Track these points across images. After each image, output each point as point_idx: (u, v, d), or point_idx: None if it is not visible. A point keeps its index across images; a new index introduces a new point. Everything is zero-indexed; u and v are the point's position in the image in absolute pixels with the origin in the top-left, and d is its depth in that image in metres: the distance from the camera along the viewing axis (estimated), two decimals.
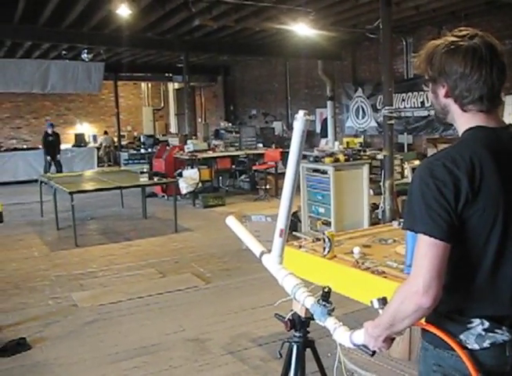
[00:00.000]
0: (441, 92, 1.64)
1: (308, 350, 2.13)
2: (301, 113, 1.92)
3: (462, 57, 1.56)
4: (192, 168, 11.61)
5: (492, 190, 1.50)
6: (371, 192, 8.06)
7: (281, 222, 2.06)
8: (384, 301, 1.69)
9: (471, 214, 1.49)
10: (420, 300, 1.46)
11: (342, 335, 1.77)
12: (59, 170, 14.92)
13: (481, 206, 1.49)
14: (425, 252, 1.48)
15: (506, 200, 1.52)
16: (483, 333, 1.55)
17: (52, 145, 15.27)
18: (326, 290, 1.87)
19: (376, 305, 1.70)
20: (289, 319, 2.05)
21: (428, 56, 1.64)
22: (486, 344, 1.55)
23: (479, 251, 1.53)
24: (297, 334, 2.09)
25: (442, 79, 1.62)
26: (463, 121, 1.64)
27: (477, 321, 1.56)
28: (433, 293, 1.45)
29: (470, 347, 1.55)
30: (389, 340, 1.65)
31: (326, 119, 15.15)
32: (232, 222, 2.39)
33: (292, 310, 2.05)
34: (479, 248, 1.53)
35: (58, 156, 15.37)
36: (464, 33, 1.62)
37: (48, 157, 15.19)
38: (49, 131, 15.43)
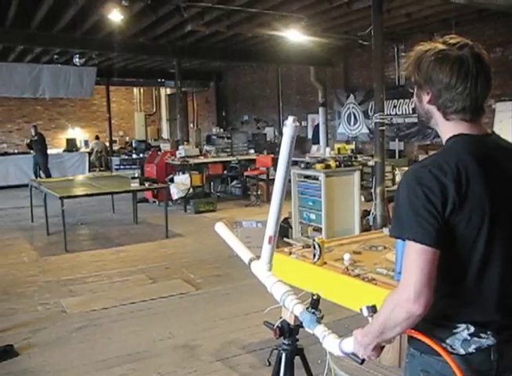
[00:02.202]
0: (425, 97, 1.65)
1: (298, 358, 2.12)
2: (290, 119, 1.91)
3: (449, 68, 1.57)
4: (183, 173, 11.59)
5: (478, 197, 1.51)
6: (362, 198, 8.06)
7: (270, 229, 2.05)
8: (373, 309, 1.69)
9: (457, 221, 1.50)
10: (411, 308, 1.46)
11: (331, 343, 1.76)
12: (47, 176, 14.91)
13: (467, 213, 1.50)
14: (414, 259, 1.48)
15: (491, 207, 1.52)
16: (468, 338, 1.56)
17: (35, 144, 15.30)
18: (315, 297, 1.87)
19: (365, 312, 1.69)
20: (278, 326, 2.03)
21: (417, 60, 1.65)
22: (471, 349, 1.56)
23: (465, 257, 1.54)
24: (286, 341, 2.07)
25: (427, 86, 1.63)
26: (446, 128, 1.65)
27: (462, 326, 1.57)
28: (424, 300, 1.45)
29: (456, 352, 1.56)
30: (379, 348, 1.65)
31: (317, 125, 15.17)
32: (221, 228, 2.37)
33: (281, 317, 2.03)
34: (465, 254, 1.53)
35: (43, 160, 15.36)
36: (454, 41, 1.62)
37: (34, 161, 15.29)
38: (32, 132, 15.48)
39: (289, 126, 1.92)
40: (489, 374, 1.57)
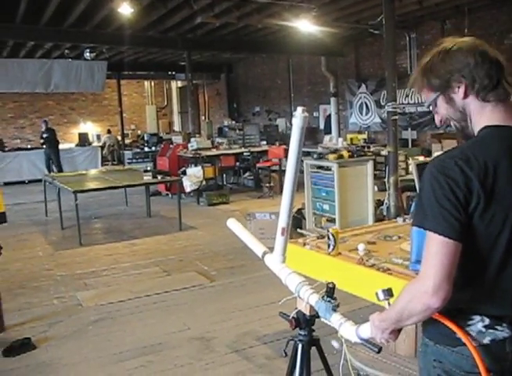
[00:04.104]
0: (459, 93, 1.60)
1: (314, 348, 2.11)
2: (299, 109, 1.90)
3: (465, 50, 1.56)
4: (196, 166, 11.60)
5: (504, 196, 1.47)
6: (375, 188, 8.02)
7: (283, 221, 2.04)
8: (389, 293, 1.68)
9: (480, 216, 1.47)
10: (429, 300, 1.45)
11: (348, 330, 1.76)
12: (59, 170, 15.00)
13: (491, 210, 1.47)
14: (436, 251, 1.46)
15: None
16: (483, 330, 1.55)
17: (47, 141, 15.38)
18: (330, 286, 1.86)
19: (381, 296, 1.69)
20: (293, 317, 2.03)
21: (426, 70, 1.64)
22: (486, 340, 1.54)
23: (486, 253, 1.51)
24: (302, 332, 2.07)
25: (456, 78, 1.59)
26: (482, 117, 1.59)
27: (477, 318, 1.55)
28: (443, 294, 1.44)
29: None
30: (396, 332, 1.65)
31: (329, 115, 15.13)
32: (233, 224, 2.37)
33: (296, 308, 2.03)
34: (486, 251, 1.51)
35: (55, 154, 15.44)
36: (448, 40, 1.64)
37: (45, 156, 15.37)
38: (43, 128, 15.55)
39: (298, 117, 1.91)
40: (503, 365, 1.56)
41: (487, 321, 1.54)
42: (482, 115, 1.59)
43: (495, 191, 1.46)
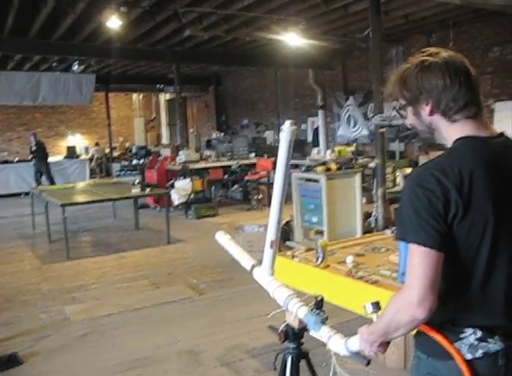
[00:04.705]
0: (426, 110, 1.63)
1: (303, 361, 2.11)
2: (287, 123, 1.92)
3: (438, 70, 1.58)
4: (184, 178, 11.58)
5: (481, 203, 1.49)
6: (364, 200, 8.06)
7: (271, 234, 2.05)
8: (377, 306, 1.70)
9: (460, 225, 1.49)
10: (414, 312, 1.46)
11: (337, 343, 1.76)
12: (51, 183, 14.86)
13: (470, 218, 1.49)
14: (419, 262, 1.47)
15: (495, 213, 1.51)
16: (476, 342, 1.55)
17: (36, 155, 15.27)
18: (318, 299, 1.87)
19: (369, 309, 1.71)
20: (282, 330, 2.03)
21: (400, 79, 1.65)
22: (479, 353, 1.54)
23: (470, 262, 1.52)
24: (291, 345, 2.07)
25: (424, 97, 1.61)
26: (452, 132, 1.63)
27: (469, 331, 1.55)
28: (428, 304, 1.45)
29: (463, 356, 1.55)
30: (385, 344, 1.66)
31: (317, 128, 15.20)
32: (221, 237, 2.38)
33: (285, 321, 2.03)
34: (470, 260, 1.52)
35: (45, 167, 15.31)
36: (431, 52, 1.64)
37: (35, 169, 15.24)
38: (32, 141, 15.47)
39: (286, 130, 1.92)
40: None
41: (479, 334, 1.54)
42: (452, 130, 1.63)
43: (473, 199, 1.48)
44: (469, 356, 1.54)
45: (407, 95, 1.64)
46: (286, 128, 1.92)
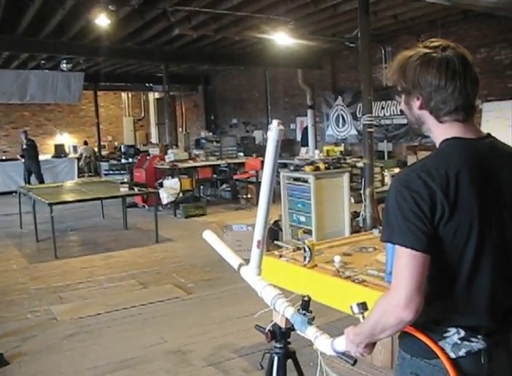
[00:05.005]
0: (416, 103, 1.63)
1: (290, 360, 2.11)
2: (274, 122, 1.92)
3: (436, 69, 1.56)
4: (172, 177, 11.55)
5: (467, 204, 1.49)
6: (352, 200, 8.08)
7: (258, 233, 2.05)
8: (363, 307, 1.70)
9: (446, 227, 1.49)
10: (401, 313, 1.46)
11: (323, 343, 1.76)
12: (40, 182, 14.74)
13: (456, 219, 1.49)
14: (405, 264, 1.47)
15: (481, 214, 1.51)
16: (459, 342, 1.55)
17: (27, 153, 15.12)
18: (305, 299, 1.87)
19: (355, 310, 1.71)
20: (269, 330, 2.03)
21: (401, 67, 1.64)
22: (462, 352, 1.55)
23: (455, 263, 1.53)
24: (278, 344, 2.07)
25: (416, 91, 1.61)
26: (440, 131, 1.63)
27: (453, 330, 1.56)
28: (414, 306, 1.45)
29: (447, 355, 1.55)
30: (371, 345, 1.66)
31: (306, 127, 15.22)
32: (209, 236, 2.37)
33: (272, 321, 2.03)
34: (455, 260, 1.52)
35: (36, 166, 15.14)
36: (436, 44, 1.61)
37: (24, 168, 15.08)
38: (23, 139, 15.33)
39: (273, 130, 1.92)
40: None
41: (462, 333, 1.55)
42: (439, 129, 1.63)
43: (459, 200, 1.48)
44: (452, 355, 1.55)
45: (403, 84, 1.64)
46: (274, 127, 1.91)
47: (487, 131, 1.69)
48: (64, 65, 13.94)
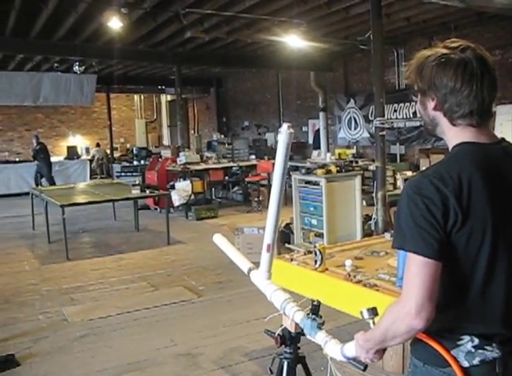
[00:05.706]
0: (431, 104, 1.61)
1: (300, 365, 2.10)
2: (284, 126, 1.90)
3: (453, 71, 1.53)
4: (184, 180, 11.57)
5: (480, 210, 1.47)
6: (363, 203, 8.04)
7: (268, 237, 2.03)
8: (373, 312, 1.67)
9: (459, 233, 1.46)
10: (412, 321, 1.43)
11: (333, 348, 1.75)
12: (51, 185, 14.78)
13: (469, 225, 1.46)
14: (416, 271, 1.45)
15: (494, 221, 1.48)
16: (473, 350, 1.52)
17: (38, 155, 15.20)
18: (315, 303, 1.85)
19: (366, 315, 1.68)
20: (279, 334, 2.02)
21: (418, 67, 1.61)
22: (476, 361, 1.52)
23: (468, 270, 1.50)
24: (288, 349, 2.06)
25: (432, 92, 1.58)
26: (453, 135, 1.60)
27: (466, 338, 1.53)
28: (425, 314, 1.43)
29: (460, 364, 1.52)
30: (381, 351, 1.63)
31: (318, 130, 15.17)
32: (219, 239, 2.36)
33: (282, 325, 2.02)
34: (468, 268, 1.50)
35: (47, 169, 15.19)
36: (456, 45, 1.58)
37: (35, 170, 15.16)
38: (34, 142, 15.42)
39: (284, 133, 1.91)
40: None
41: (476, 341, 1.52)
42: (452, 132, 1.60)
43: (471, 206, 1.46)
44: (466, 364, 1.52)
45: (419, 84, 1.62)
46: (284, 130, 1.90)
47: (501, 136, 1.66)
48: (77, 67, 14.03)
